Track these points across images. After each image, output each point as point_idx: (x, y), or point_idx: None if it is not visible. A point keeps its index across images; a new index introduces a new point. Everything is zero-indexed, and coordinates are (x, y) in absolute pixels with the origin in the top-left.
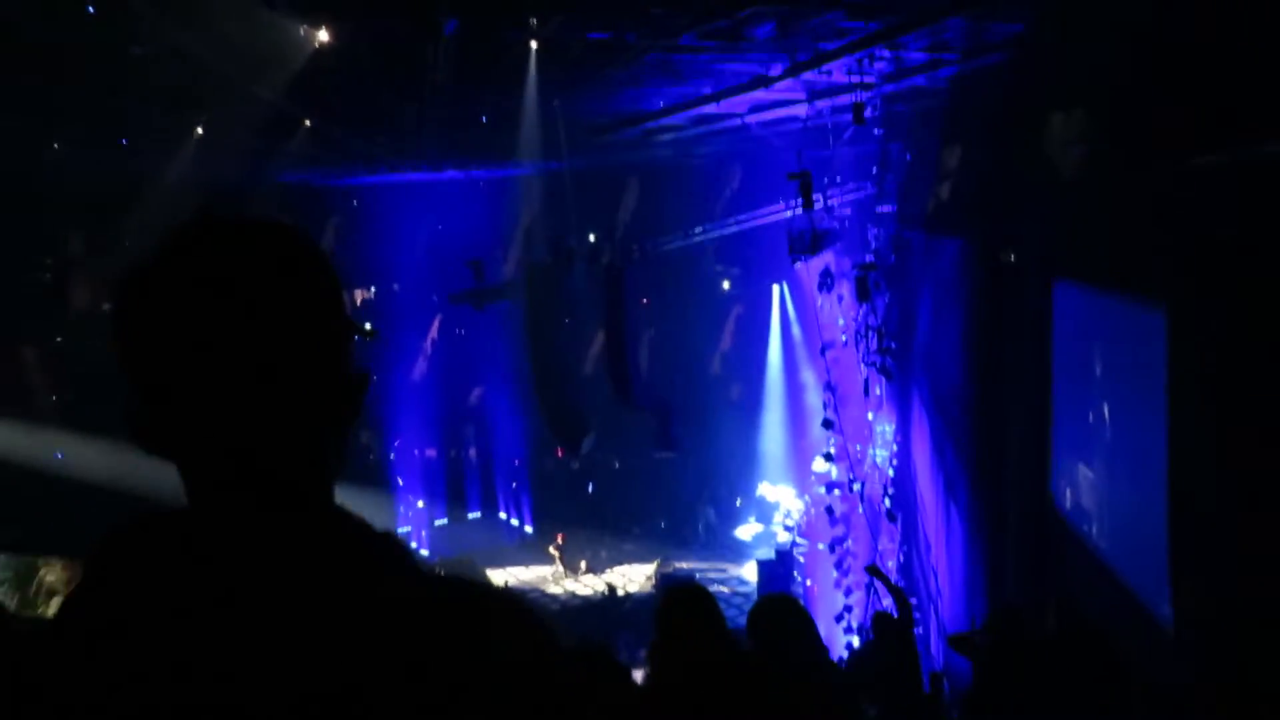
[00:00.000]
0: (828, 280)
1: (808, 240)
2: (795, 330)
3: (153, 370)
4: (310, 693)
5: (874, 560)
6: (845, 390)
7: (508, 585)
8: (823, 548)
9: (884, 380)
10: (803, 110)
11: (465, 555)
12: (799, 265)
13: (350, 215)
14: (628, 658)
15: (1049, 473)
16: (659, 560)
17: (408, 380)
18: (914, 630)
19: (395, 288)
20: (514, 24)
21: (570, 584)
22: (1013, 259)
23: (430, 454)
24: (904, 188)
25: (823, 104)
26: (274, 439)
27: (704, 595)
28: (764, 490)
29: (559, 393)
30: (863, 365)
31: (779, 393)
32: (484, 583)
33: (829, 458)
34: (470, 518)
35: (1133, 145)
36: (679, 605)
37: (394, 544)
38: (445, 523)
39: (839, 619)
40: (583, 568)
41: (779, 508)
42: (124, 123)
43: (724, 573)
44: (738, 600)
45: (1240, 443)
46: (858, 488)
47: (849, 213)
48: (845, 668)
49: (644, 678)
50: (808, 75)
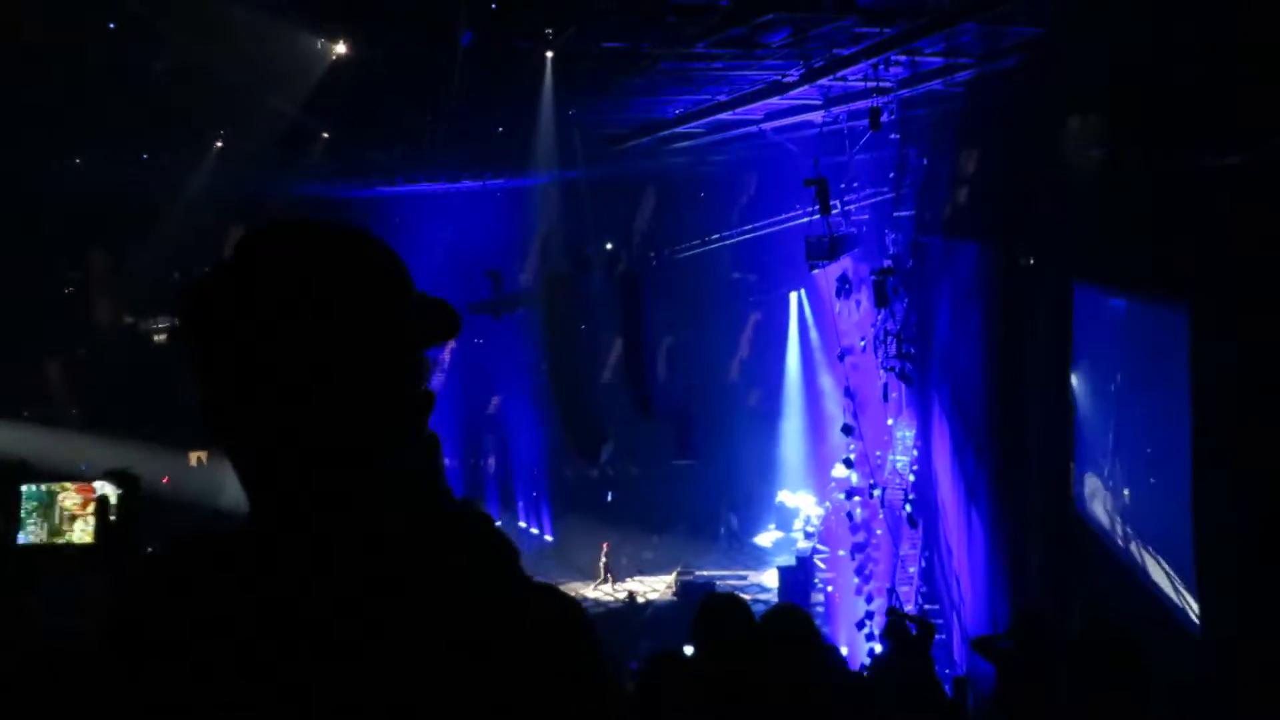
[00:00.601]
0: (846, 286)
1: (825, 246)
2: (813, 336)
3: (222, 374)
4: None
5: (894, 569)
6: (864, 396)
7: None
8: (843, 554)
9: (903, 385)
10: (819, 116)
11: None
12: (816, 271)
13: (369, 227)
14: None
15: (1071, 476)
16: (679, 568)
17: (433, 404)
18: (929, 652)
19: None
20: (529, 35)
21: (606, 590)
22: (1032, 262)
23: (449, 463)
24: (921, 192)
25: (839, 110)
26: (336, 449)
27: (739, 604)
28: (783, 497)
29: (577, 401)
30: (882, 371)
31: (798, 399)
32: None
33: (849, 464)
34: None
35: (1151, 145)
36: (718, 615)
37: (502, 548)
38: None
39: (860, 625)
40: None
41: (799, 514)
42: (145, 138)
43: (744, 580)
44: (758, 607)
45: (1265, 443)
46: (878, 494)
47: (866, 218)
48: (867, 675)
49: (672, 685)
50: (823, 81)
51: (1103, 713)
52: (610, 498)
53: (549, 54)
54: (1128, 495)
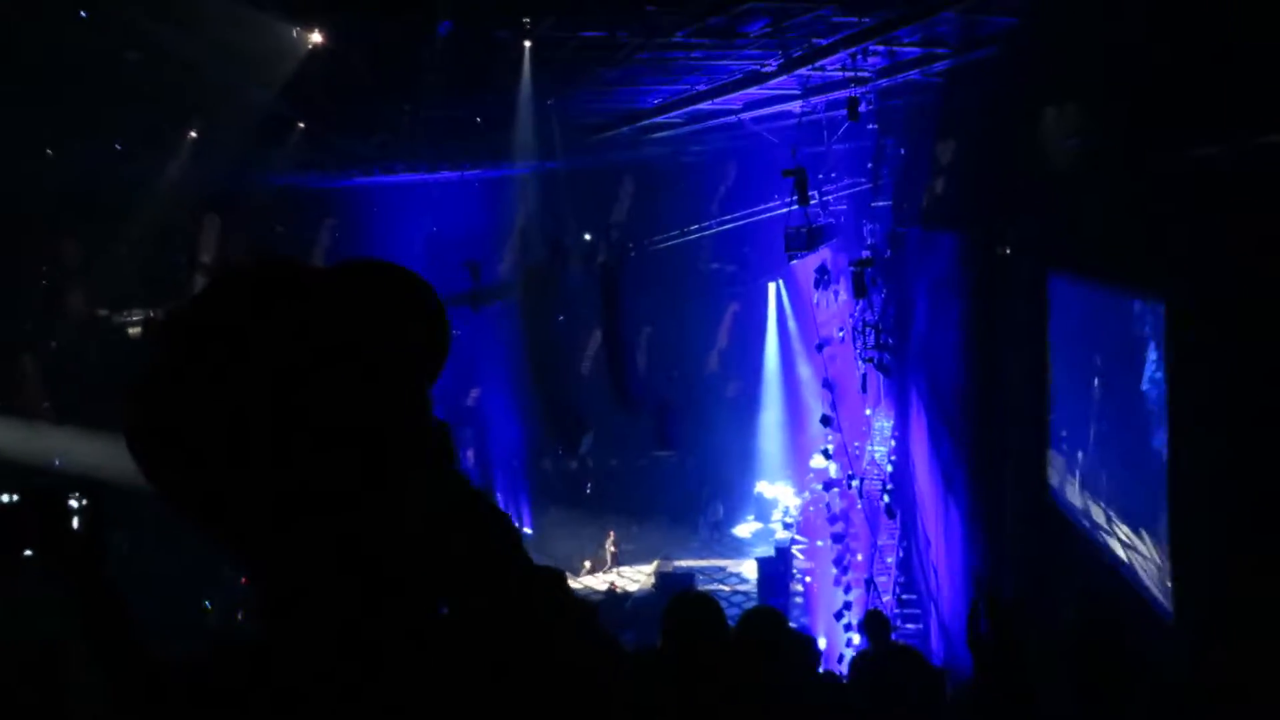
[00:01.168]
0: (824, 276)
1: (804, 237)
2: (792, 327)
3: (213, 444)
4: None
5: (872, 559)
6: (843, 387)
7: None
8: (822, 545)
9: (881, 376)
10: (797, 106)
11: None
12: (795, 262)
13: (345, 217)
14: None
15: (1046, 465)
16: (659, 559)
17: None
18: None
19: None
20: (507, 24)
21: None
22: (1008, 252)
23: None
24: (899, 183)
25: (817, 100)
26: (346, 511)
27: (711, 607)
28: (762, 488)
29: (556, 392)
30: (860, 361)
31: (776, 390)
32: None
33: (827, 454)
34: None
35: (1129, 138)
36: (685, 618)
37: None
38: None
39: (839, 616)
40: (587, 567)
41: (777, 505)
42: (118, 127)
43: (723, 571)
44: (738, 599)
45: (1239, 435)
46: (856, 484)
47: (844, 208)
48: (849, 672)
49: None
50: (802, 71)
51: (1090, 706)
52: (589, 489)
53: (527, 44)
54: (1103, 484)
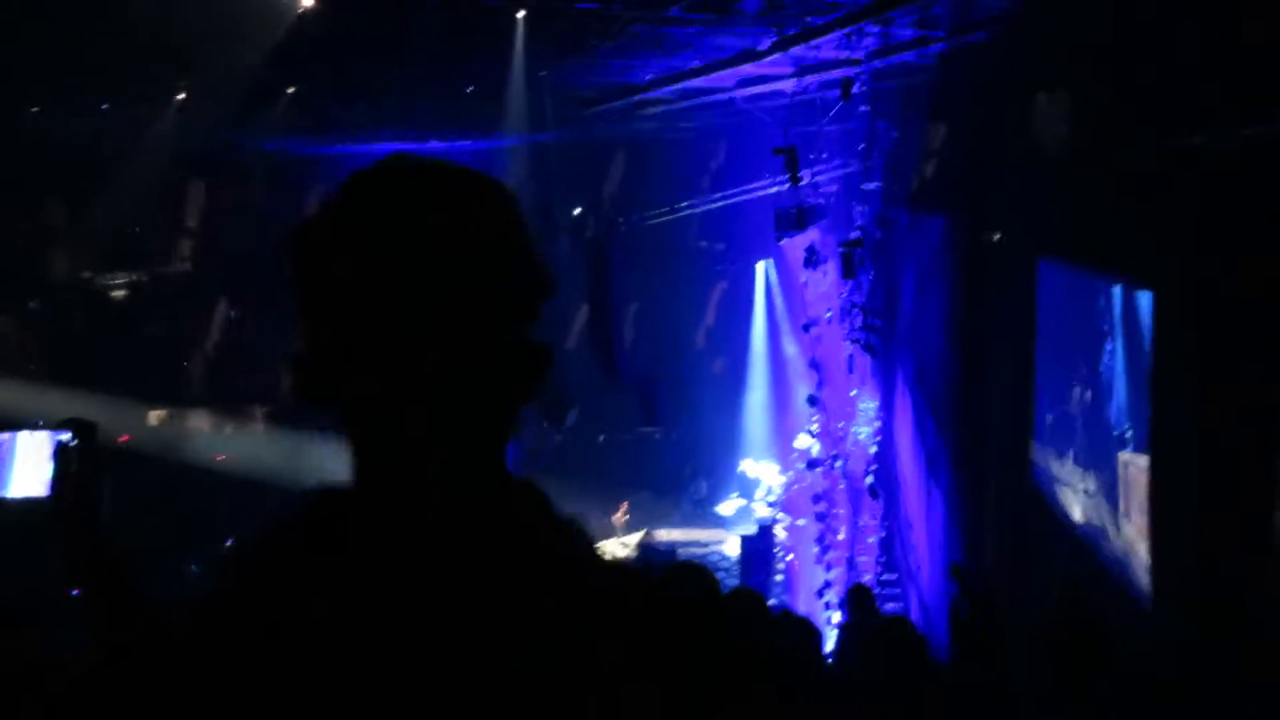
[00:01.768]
0: (813, 257)
1: (794, 217)
2: (780, 307)
3: (337, 316)
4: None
5: (854, 539)
6: (829, 367)
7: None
8: (804, 524)
9: (868, 357)
10: (790, 85)
11: None
12: (784, 242)
13: (334, 185)
14: None
15: (1029, 450)
16: (641, 535)
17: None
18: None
19: None
20: None
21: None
22: (997, 237)
23: None
24: (890, 165)
25: (810, 79)
26: (454, 405)
27: (707, 577)
28: (746, 466)
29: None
30: (847, 342)
31: (763, 369)
32: (669, 581)
33: (812, 434)
34: None
35: (1121, 124)
36: (680, 583)
37: (579, 531)
38: None
39: (820, 594)
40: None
41: (760, 484)
42: (104, 87)
43: (705, 547)
44: (719, 575)
45: (1223, 425)
46: (840, 464)
47: (835, 189)
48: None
49: None
50: (796, 50)
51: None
52: (574, 464)
53: (520, 13)
54: (1084, 471)
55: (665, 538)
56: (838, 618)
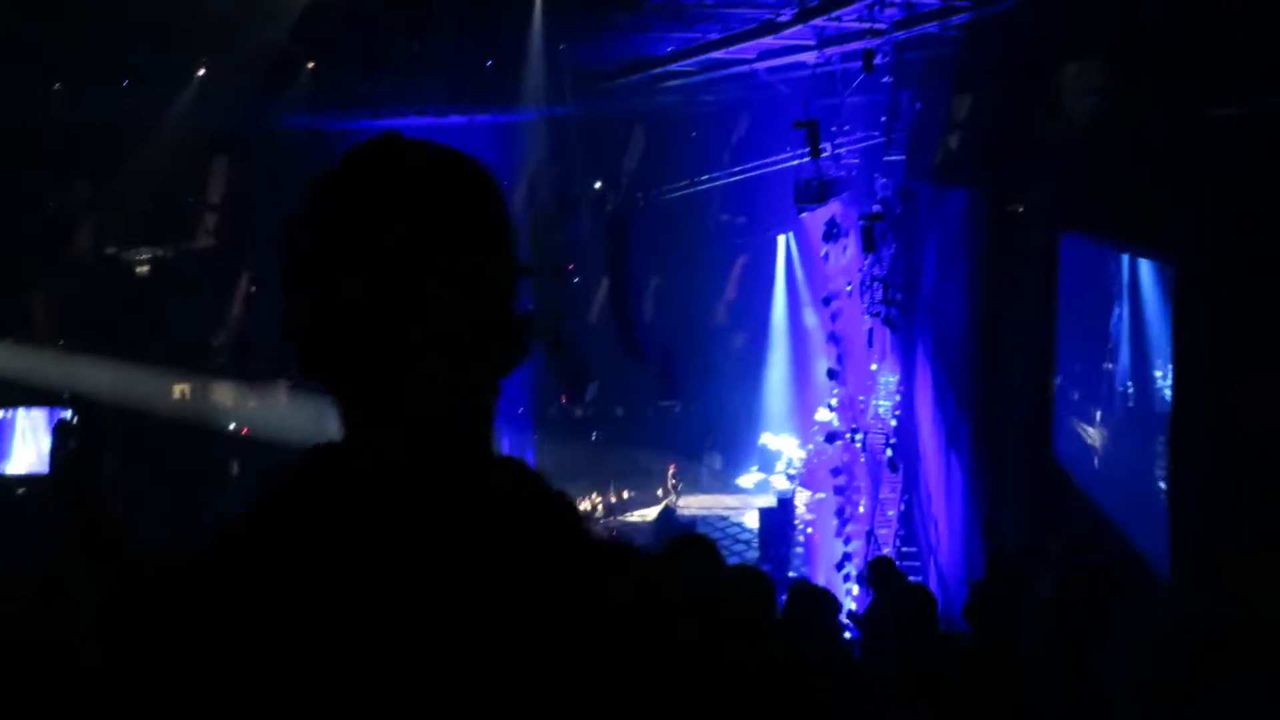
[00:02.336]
0: (834, 230)
1: (814, 190)
2: (800, 280)
3: (326, 290)
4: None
5: (874, 512)
6: (849, 341)
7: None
8: (823, 496)
9: (888, 331)
10: (811, 57)
11: None
12: (805, 215)
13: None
14: None
15: (1051, 425)
16: (663, 505)
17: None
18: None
19: None
20: None
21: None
22: (1020, 211)
23: None
24: (913, 137)
25: (832, 51)
26: (444, 376)
27: (704, 541)
28: (766, 439)
29: (563, 341)
30: (867, 316)
31: (783, 343)
32: (653, 552)
33: (832, 408)
34: None
35: (1147, 97)
36: (681, 552)
37: (567, 504)
38: None
39: (839, 567)
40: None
41: (781, 457)
42: (126, 64)
43: (726, 520)
44: (738, 547)
45: (1243, 399)
46: (860, 438)
47: (856, 162)
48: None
49: None
50: (817, 21)
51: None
52: (595, 437)
53: None
54: (1106, 446)
55: (688, 506)
56: (857, 590)
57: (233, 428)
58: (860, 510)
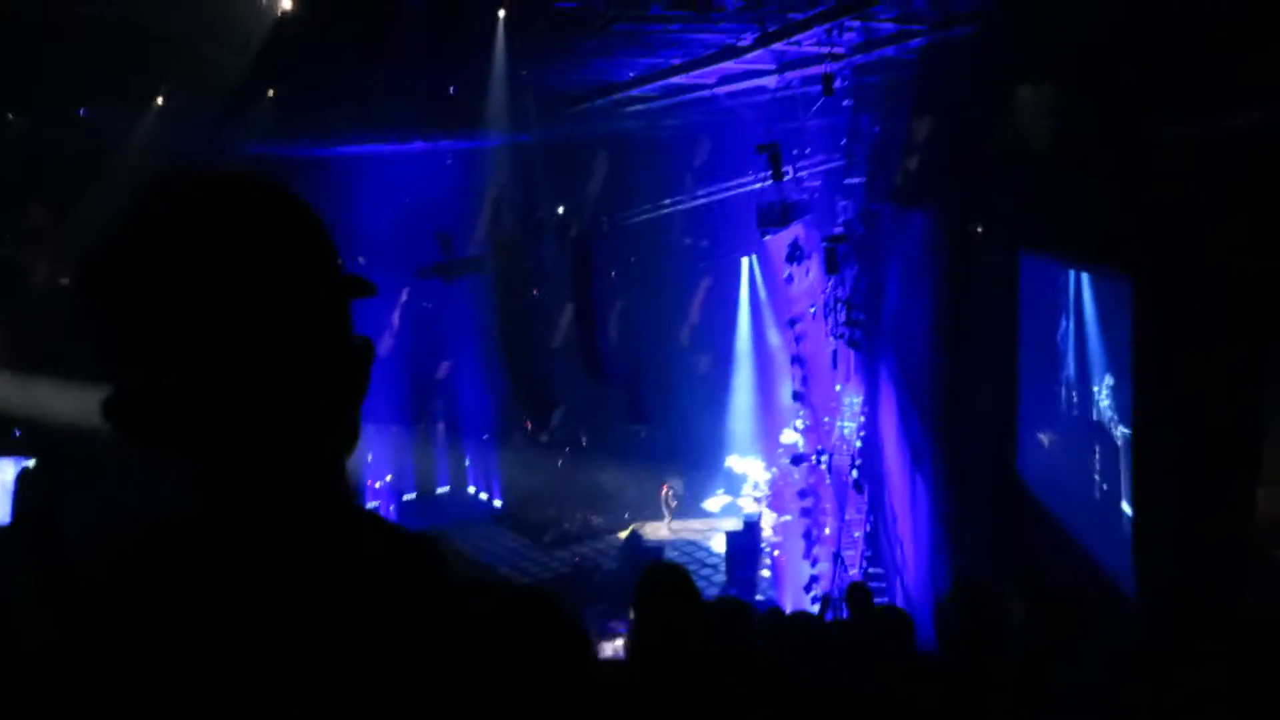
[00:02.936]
0: (797, 252)
1: (777, 213)
2: (764, 303)
3: (137, 351)
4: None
5: (840, 533)
6: (814, 363)
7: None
8: (789, 519)
9: (852, 352)
10: (772, 81)
11: (434, 530)
12: (768, 238)
13: (315, 187)
14: (598, 630)
15: (1014, 444)
16: (629, 531)
17: (375, 354)
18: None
19: (361, 260)
20: None
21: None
22: (979, 230)
23: (398, 428)
24: (873, 160)
25: (792, 75)
26: (280, 419)
27: (680, 573)
28: (732, 462)
29: (528, 366)
30: (831, 337)
31: (748, 365)
32: (518, 590)
33: (797, 430)
34: (439, 492)
35: (1100, 117)
36: (656, 584)
37: (427, 547)
38: (414, 497)
39: (807, 589)
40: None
41: (747, 479)
42: (83, 92)
43: (693, 544)
44: (705, 571)
45: (1201, 414)
46: (825, 459)
47: (818, 185)
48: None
49: (626, 653)
50: (777, 46)
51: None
52: (560, 463)
53: (501, 12)
54: (1069, 463)
55: (652, 536)
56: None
57: None
58: (827, 532)
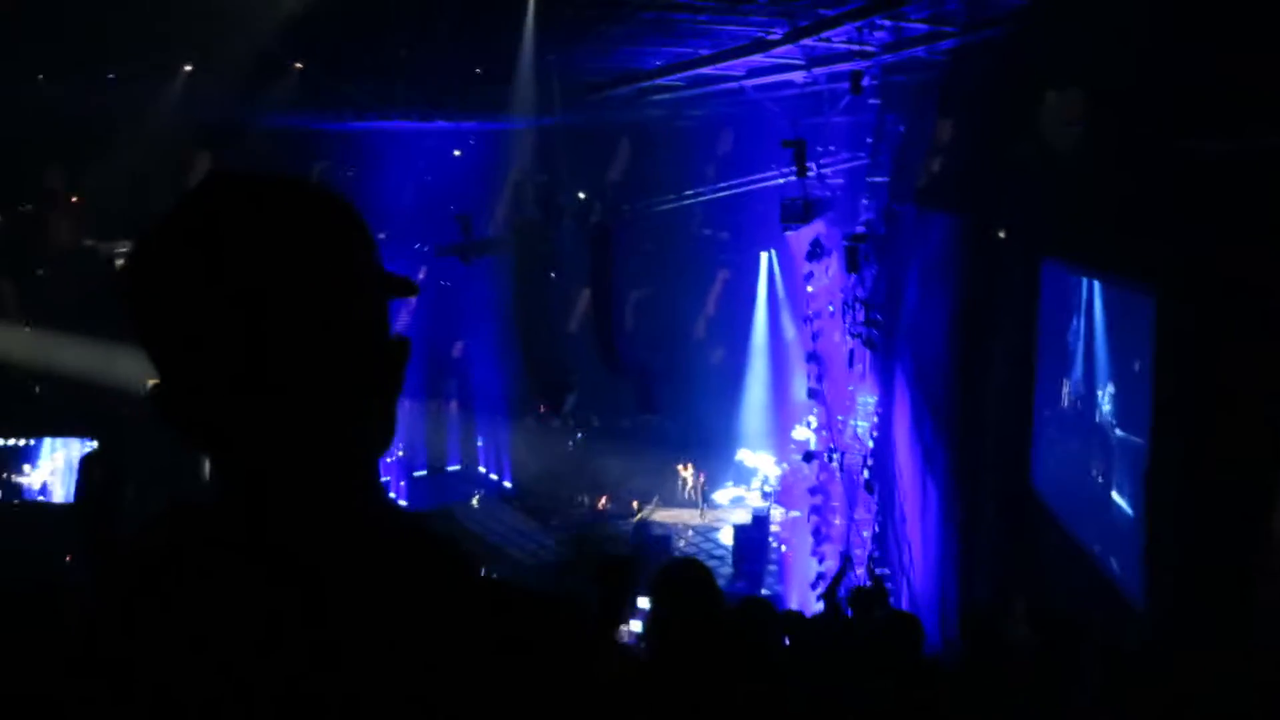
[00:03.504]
0: (817, 250)
1: (800, 209)
2: (782, 298)
3: (178, 342)
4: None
5: (849, 532)
6: (829, 360)
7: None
8: (798, 515)
9: (868, 352)
10: (800, 76)
11: (444, 508)
12: (789, 234)
13: (338, 161)
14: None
15: (1029, 452)
16: (636, 520)
17: (410, 353)
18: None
19: (381, 237)
20: None
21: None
22: (1002, 236)
23: (411, 404)
24: (898, 160)
25: (820, 71)
26: (316, 415)
27: (702, 571)
28: (743, 456)
29: (543, 350)
30: (848, 336)
31: (763, 360)
32: (543, 598)
33: (810, 427)
34: (450, 470)
35: (1130, 128)
36: (677, 581)
37: (449, 548)
38: (424, 474)
39: (813, 586)
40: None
41: (757, 474)
42: (112, 58)
43: (701, 536)
44: (712, 563)
45: (1221, 430)
46: (837, 458)
47: (841, 182)
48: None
49: (646, 649)
50: (807, 41)
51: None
52: (571, 447)
53: None
54: (1081, 472)
55: (660, 521)
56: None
57: None
58: (835, 530)
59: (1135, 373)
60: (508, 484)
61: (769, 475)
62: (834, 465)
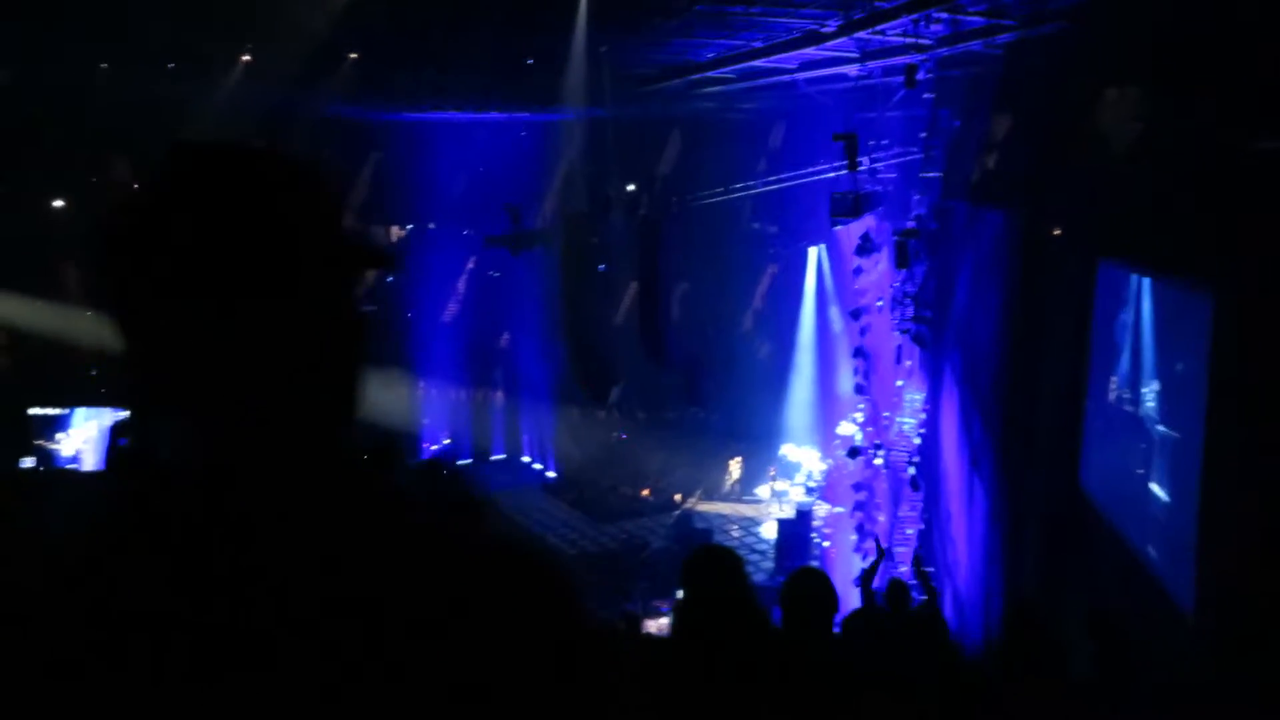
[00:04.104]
0: (867, 244)
1: (850, 203)
2: (830, 293)
3: (143, 315)
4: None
5: (892, 530)
6: (877, 356)
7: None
8: (842, 510)
9: (917, 349)
10: (853, 70)
11: (487, 495)
12: (839, 228)
13: (391, 151)
14: (642, 606)
15: (1079, 452)
16: (679, 512)
17: (439, 319)
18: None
19: (431, 226)
20: None
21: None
22: (1057, 234)
23: (457, 393)
24: (951, 155)
25: (874, 64)
26: (275, 385)
27: (728, 555)
28: (787, 450)
29: (589, 341)
30: (896, 332)
31: (809, 355)
32: (514, 538)
33: (856, 422)
34: (494, 459)
35: (1191, 125)
36: (703, 565)
37: (419, 515)
38: (469, 463)
39: (856, 582)
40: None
41: (801, 468)
42: (172, 46)
43: (743, 529)
44: (754, 558)
45: (1277, 437)
46: (883, 455)
47: (893, 177)
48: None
49: (670, 632)
50: (861, 34)
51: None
52: (615, 438)
53: None
54: (1135, 476)
55: (704, 510)
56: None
57: None
58: (879, 527)
59: (1180, 372)
60: (551, 474)
61: (813, 470)
62: (879, 462)
